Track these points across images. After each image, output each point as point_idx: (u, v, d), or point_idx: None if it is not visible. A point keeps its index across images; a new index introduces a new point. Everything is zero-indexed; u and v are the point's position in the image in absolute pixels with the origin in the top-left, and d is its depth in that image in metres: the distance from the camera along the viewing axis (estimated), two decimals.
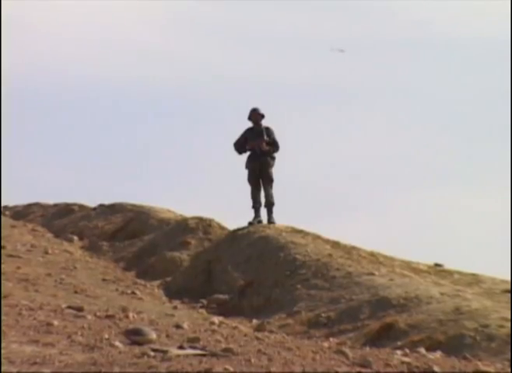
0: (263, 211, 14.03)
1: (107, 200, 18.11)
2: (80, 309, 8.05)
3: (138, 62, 37.77)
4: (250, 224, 13.91)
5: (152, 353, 6.17)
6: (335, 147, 33.85)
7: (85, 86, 37.09)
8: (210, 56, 37.68)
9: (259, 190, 13.98)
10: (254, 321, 10.62)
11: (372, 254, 13.08)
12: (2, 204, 18.33)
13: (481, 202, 32.30)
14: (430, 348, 8.89)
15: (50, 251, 13.74)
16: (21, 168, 29.96)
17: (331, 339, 9.39)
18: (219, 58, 37.25)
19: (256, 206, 14.01)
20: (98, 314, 7.93)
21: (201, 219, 15.19)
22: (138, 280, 13.15)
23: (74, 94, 37.32)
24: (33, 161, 32.48)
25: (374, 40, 37.53)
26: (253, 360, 6.25)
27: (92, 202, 18.46)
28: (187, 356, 6.20)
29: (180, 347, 6.49)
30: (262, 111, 14.02)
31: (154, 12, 38.04)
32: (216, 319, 9.63)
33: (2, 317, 7.13)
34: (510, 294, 11.13)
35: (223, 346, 6.65)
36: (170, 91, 37.48)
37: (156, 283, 13.11)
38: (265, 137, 13.81)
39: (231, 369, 5.86)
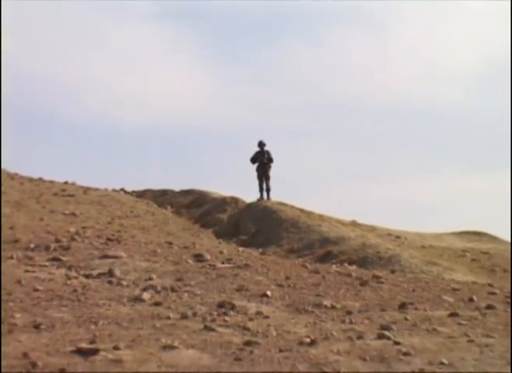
0: (265, 194, 13.93)
1: (185, 187, 17.67)
2: (171, 243, 8.10)
3: (200, 113, 37.90)
4: (258, 200, 13.83)
5: (207, 266, 6.26)
6: (300, 161, 33.96)
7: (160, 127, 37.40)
8: (235, 110, 37.73)
9: (263, 183, 13.88)
10: (260, 249, 10.73)
11: (320, 215, 13.07)
12: (132, 189, 18.00)
13: (386, 190, 32.87)
14: (350, 264, 8.96)
15: (155, 213, 13.64)
16: (143, 172, 30.67)
17: (299, 259, 9.48)
18: (241, 112, 37.37)
19: (261, 191, 13.93)
20: (180, 246, 7.97)
21: (233, 198, 14.95)
22: (201, 229, 13.02)
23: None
24: (149, 168, 32.68)
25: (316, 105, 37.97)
26: (259, 270, 6.34)
27: (177, 188, 18.11)
28: (225, 267, 6.31)
29: (222, 263, 6.58)
30: (265, 141, 13.91)
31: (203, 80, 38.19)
32: (240, 249, 9.72)
33: (130, 247, 7.06)
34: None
35: (244, 262, 6.71)
36: (212, 131, 37.49)
37: (210, 230, 12.98)
38: (266, 156, 13.72)
39: (248, 274, 5.97)
